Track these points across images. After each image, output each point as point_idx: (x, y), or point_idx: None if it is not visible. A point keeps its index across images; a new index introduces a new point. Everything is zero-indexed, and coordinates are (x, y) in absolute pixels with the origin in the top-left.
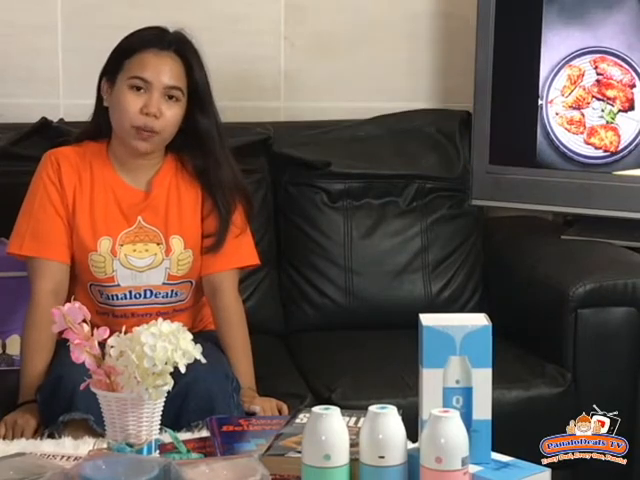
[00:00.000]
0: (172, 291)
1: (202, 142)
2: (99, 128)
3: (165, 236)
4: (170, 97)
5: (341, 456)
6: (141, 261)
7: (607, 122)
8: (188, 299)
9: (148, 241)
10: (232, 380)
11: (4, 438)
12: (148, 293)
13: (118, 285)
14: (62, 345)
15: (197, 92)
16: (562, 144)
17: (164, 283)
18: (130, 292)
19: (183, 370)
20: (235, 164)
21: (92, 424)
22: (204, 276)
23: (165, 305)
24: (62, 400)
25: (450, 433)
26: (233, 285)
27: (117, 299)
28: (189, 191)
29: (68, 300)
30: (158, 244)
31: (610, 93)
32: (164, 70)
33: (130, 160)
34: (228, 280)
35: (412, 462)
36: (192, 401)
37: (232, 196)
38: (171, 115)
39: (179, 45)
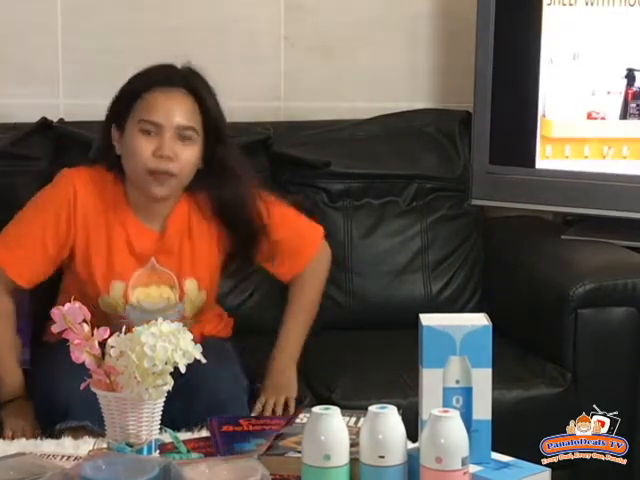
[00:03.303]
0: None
1: (221, 176)
2: (111, 167)
3: (179, 279)
4: (184, 138)
5: (341, 456)
6: (154, 305)
7: None
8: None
9: (161, 283)
10: (241, 381)
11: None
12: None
13: (128, 320)
14: (50, 349)
15: (212, 126)
16: None
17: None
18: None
19: (183, 370)
20: (257, 197)
21: (90, 428)
22: (291, 279)
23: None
24: (57, 409)
25: (450, 433)
26: (317, 257)
27: (124, 320)
28: (202, 230)
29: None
30: (171, 287)
31: None
32: (175, 110)
33: (145, 204)
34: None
35: (412, 462)
36: (202, 403)
37: (252, 225)
38: (187, 156)
39: (188, 80)
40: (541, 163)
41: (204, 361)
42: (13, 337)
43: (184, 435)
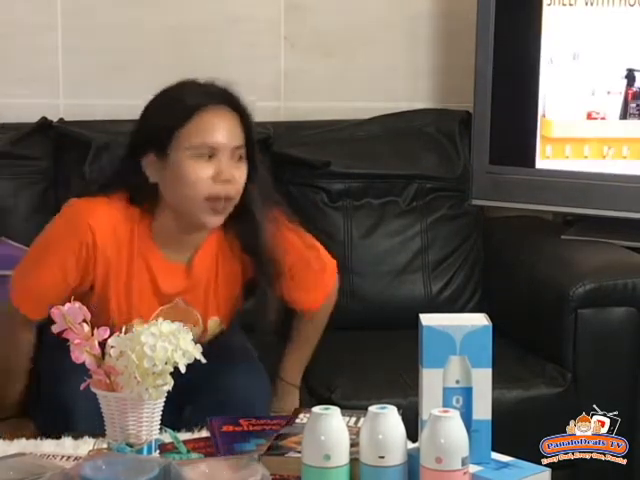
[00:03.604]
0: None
1: (245, 203)
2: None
3: (203, 318)
4: (237, 157)
5: (341, 456)
6: None
7: None
8: None
9: (185, 321)
10: (263, 381)
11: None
12: None
13: None
14: (51, 355)
15: (251, 143)
16: None
17: None
18: None
19: (183, 370)
20: (281, 229)
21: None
22: (305, 312)
23: None
24: (60, 420)
25: (450, 433)
26: (331, 293)
27: None
28: (227, 270)
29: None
30: (194, 325)
31: None
32: (226, 130)
33: (176, 236)
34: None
35: (412, 462)
36: (232, 404)
37: (274, 255)
38: (240, 176)
39: (230, 98)
40: (541, 163)
41: (204, 361)
42: (26, 363)
43: (184, 435)
